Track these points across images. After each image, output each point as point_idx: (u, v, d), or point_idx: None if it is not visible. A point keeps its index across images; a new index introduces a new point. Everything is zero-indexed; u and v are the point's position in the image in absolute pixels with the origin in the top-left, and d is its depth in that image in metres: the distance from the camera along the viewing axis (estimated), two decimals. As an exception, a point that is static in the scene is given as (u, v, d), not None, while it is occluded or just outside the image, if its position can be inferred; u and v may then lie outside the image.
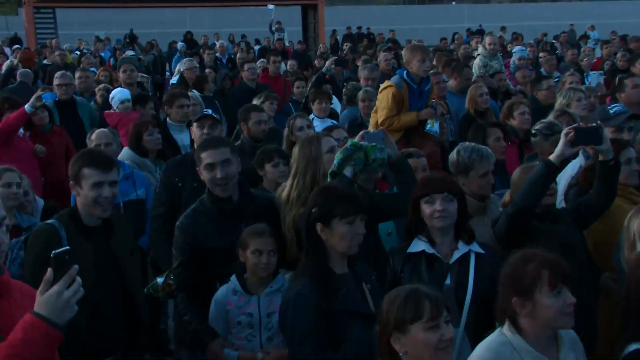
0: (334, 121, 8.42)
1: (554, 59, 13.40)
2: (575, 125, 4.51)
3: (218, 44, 22.92)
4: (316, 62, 16.15)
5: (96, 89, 10.44)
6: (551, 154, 5.64)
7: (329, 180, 4.48)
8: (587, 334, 4.21)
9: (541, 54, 15.19)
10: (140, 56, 19.27)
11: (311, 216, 3.72)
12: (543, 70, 12.22)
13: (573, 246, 4.41)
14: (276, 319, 4.29)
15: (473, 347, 3.88)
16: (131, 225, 4.61)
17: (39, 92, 8.21)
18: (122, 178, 6.03)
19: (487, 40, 12.44)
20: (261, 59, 15.66)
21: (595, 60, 15.05)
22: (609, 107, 5.99)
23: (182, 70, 12.17)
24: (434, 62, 12.00)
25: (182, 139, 7.67)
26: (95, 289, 3.84)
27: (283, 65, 14.99)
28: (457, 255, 4.11)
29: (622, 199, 4.87)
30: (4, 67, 14.21)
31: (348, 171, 4.43)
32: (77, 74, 10.72)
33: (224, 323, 4.41)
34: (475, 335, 3.94)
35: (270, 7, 27.84)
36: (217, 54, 20.08)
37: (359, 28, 31.76)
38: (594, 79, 10.01)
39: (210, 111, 6.48)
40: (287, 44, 25.36)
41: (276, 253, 4.39)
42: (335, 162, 4.46)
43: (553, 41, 23.80)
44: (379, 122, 7.04)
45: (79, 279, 2.57)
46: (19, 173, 5.46)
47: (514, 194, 4.59)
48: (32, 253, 4.07)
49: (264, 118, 6.86)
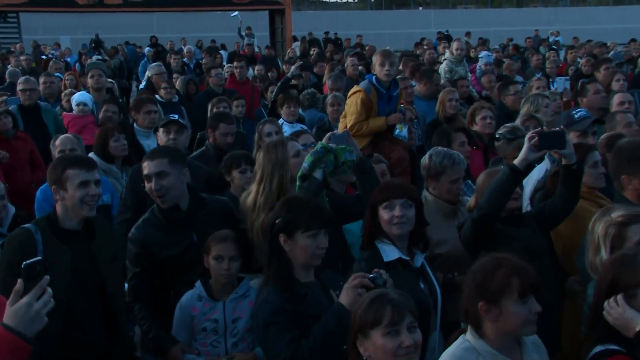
0: (303, 126, 8.43)
1: (514, 64, 13.56)
2: (539, 129, 4.54)
3: (185, 49, 22.80)
4: (284, 67, 16.14)
5: (62, 94, 10.33)
6: (514, 158, 5.71)
7: (298, 183, 4.48)
8: (551, 337, 4.24)
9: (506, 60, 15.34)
10: (106, 57, 19.11)
11: (275, 226, 3.72)
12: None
13: (537, 250, 4.43)
14: (241, 324, 4.31)
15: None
16: (113, 232, 4.57)
17: (2, 98, 8.10)
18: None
19: (455, 45, 12.54)
20: (228, 64, 15.62)
21: (560, 65, 15.24)
22: (574, 112, 6.05)
23: (149, 75, 12.10)
24: (400, 67, 12.03)
25: (149, 144, 7.61)
26: (71, 294, 3.88)
27: (251, 70, 14.97)
28: (420, 260, 4.13)
29: (589, 203, 4.91)
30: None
31: (318, 174, 4.43)
32: (41, 79, 10.61)
33: (189, 329, 4.39)
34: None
35: (234, 14, 27.76)
36: (185, 59, 19.99)
37: (326, 33, 31.78)
38: (560, 84, 10.14)
39: (176, 116, 6.46)
40: (256, 49, 25.30)
41: (239, 259, 4.37)
42: (306, 164, 4.46)
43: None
44: (348, 127, 7.04)
45: (49, 290, 2.54)
46: None
47: (479, 198, 4.62)
48: (4, 258, 4.02)
49: (232, 131, 6.84)
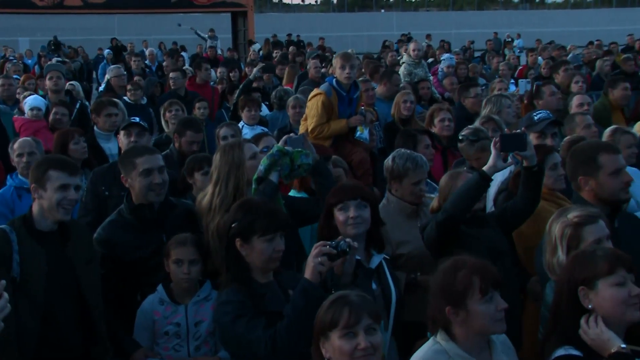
0: (264, 128, 8.41)
1: (477, 65, 13.68)
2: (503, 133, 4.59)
3: (147, 51, 22.66)
4: (246, 69, 16.09)
5: (20, 97, 10.19)
6: (477, 159, 5.78)
7: (254, 186, 4.46)
8: (513, 338, 4.27)
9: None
10: (66, 60, 18.91)
11: (231, 231, 3.71)
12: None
13: (500, 251, 4.47)
14: (204, 327, 4.30)
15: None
16: (90, 234, 4.54)
17: None
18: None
19: (411, 47, 12.54)
20: (188, 67, 15.54)
21: (520, 68, 15.41)
22: (534, 114, 6.12)
23: (109, 77, 11.99)
24: (362, 70, 12.06)
25: (110, 147, 7.54)
26: (48, 295, 3.87)
27: (213, 73, 14.90)
28: (376, 260, 4.13)
29: (550, 204, 4.95)
30: None
31: (274, 176, 4.42)
32: (-1, 82, 10.47)
33: (150, 333, 4.36)
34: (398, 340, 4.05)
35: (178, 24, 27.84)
36: (147, 61, 19.87)
37: (289, 35, 31.79)
38: (522, 86, 10.24)
39: (137, 119, 6.41)
40: (219, 51, 25.22)
41: (199, 262, 4.35)
42: (261, 167, 4.45)
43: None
44: (309, 129, 7.03)
45: (5, 295, 2.51)
46: None
47: (442, 200, 4.64)
48: None
49: (199, 139, 6.80)
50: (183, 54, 23.51)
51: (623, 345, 3.04)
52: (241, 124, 8.76)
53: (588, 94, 8.78)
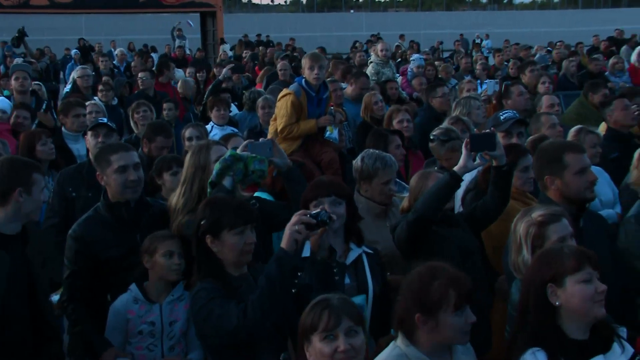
0: (233, 129, 8.39)
1: (449, 66, 13.75)
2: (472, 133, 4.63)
3: (116, 51, 22.50)
4: (215, 69, 16.06)
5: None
6: (448, 159, 5.81)
7: (209, 190, 4.46)
8: (482, 337, 4.32)
9: (437, 63, 15.55)
10: (32, 60, 18.69)
11: (200, 229, 3.71)
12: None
13: (469, 250, 4.51)
14: (178, 327, 4.28)
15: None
16: (41, 236, 4.52)
17: None
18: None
19: (379, 47, 12.56)
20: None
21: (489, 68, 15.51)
22: (500, 113, 6.17)
23: (75, 77, 11.87)
24: (331, 70, 12.07)
25: (78, 148, 7.49)
26: (6, 297, 3.84)
27: (182, 72, 14.84)
28: (353, 256, 4.16)
29: (519, 203, 4.98)
30: None
31: (227, 182, 4.39)
32: (-37, 82, 10.34)
33: (123, 333, 4.32)
34: (376, 336, 4.02)
35: (191, 23, 27.69)
36: (115, 62, 19.74)
37: (259, 36, 31.74)
38: (490, 86, 10.29)
39: (105, 119, 6.37)
40: (187, 51, 25.11)
41: (182, 256, 4.35)
42: (214, 172, 4.44)
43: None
44: (279, 129, 7.02)
45: None
46: None
47: (412, 200, 4.66)
48: None
49: (169, 144, 6.79)
50: (153, 54, 23.35)
51: None
52: (211, 124, 8.74)
53: (555, 94, 8.87)
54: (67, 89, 12.41)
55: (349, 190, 4.32)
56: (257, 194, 4.94)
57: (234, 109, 10.37)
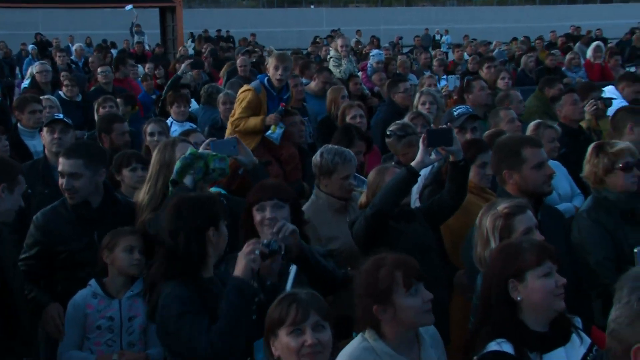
0: (192, 124, 8.33)
1: (408, 61, 13.80)
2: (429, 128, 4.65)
3: (74, 46, 22.21)
4: (177, 65, 15.93)
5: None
6: (404, 154, 5.84)
7: (170, 189, 4.43)
8: (441, 331, 4.34)
9: (400, 57, 15.61)
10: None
11: (154, 225, 3.77)
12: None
13: (427, 245, 4.53)
14: (138, 323, 4.27)
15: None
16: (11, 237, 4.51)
17: None
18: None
19: (339, 42, 12.57)
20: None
21: (447, 64, 15.61)
22: (454, 109, 6.21)
23: (33, 73, 11.71)
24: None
25: (34, 144, 7.36)
26: None
27: (141, 68, 14.69)
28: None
29: (477, 197, 5.03)
30: None
31: (188, 180, 4.37)
32: None
33: (81, 327, 4.30)
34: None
35: (129, 7, 27.15)
36: (73, 57, 19.48)
37: (219, 31, 31.53)
38: (452, 82, 10.36)
39: (61, 115, 6.29)
40: (147, 47, 24.86)
41: (142, 252, 4.35)
42: (175, 170, 4.41)
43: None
44: (230, 121, 7.03)
45: None
46: None
47: (370, 195, 4.67)
48: None
49: (126, 128, 6.74)
50: (112, 50, 23.07)
51: None
52: (170, 120, 8.67)
53: (513, 89, 8.96)
54: (26, 84, 12.25)
55: (293, 194, 4.26)
56: (212, 190, 4.91)
57: (193, 104, 10.29)
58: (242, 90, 7.25)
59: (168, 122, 8.41)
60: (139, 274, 4.35)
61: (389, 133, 6.06)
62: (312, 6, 49.72)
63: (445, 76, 12.76)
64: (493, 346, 3.15)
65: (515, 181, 4.47)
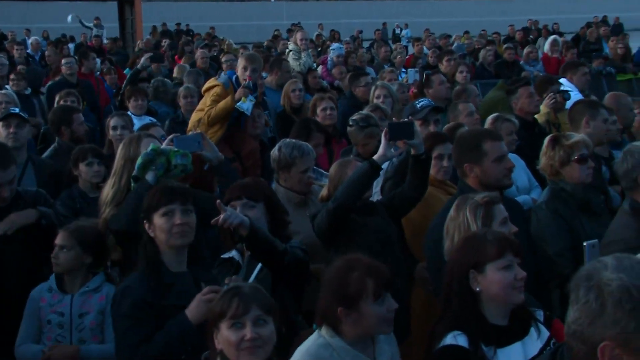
0: (152, 119, 8.26)
1: (364, 54, 13.82)
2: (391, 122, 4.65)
3: (30, 40, 21.88)
4: (135, 59, 15.78)
5: None
6: (364, 145, 5.86)
7: (132, 184, 4.39)
8: (402, 323, 4.35)
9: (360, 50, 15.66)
10: None
11: (141, 215, 3.70)
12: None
13: (388, 238, 4.54)
14: (88, 320, 4.23)
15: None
16: None
17: None
18: None
19: (298, 36, 12.55)
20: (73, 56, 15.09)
21: (408, 57, 15.69)
22: (417, 102, 6.23)
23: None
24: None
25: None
26: None
27: (99, 62, 14.53)
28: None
29: (439, 190, 5.07)
30: None
31: (150, 176, 4.33)
32: None
33: (36, 321, 4.28)
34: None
35: (69, 19, 26.94)
36: (29, 51, 19.19)
37: (178, 24, 31.30)
38: (411, 75, 10.39)
39: (17, 110, 6.20)
40: (105, 41, 24.57)
41: (73, 250, 4.32)
42: (136, 166, 4.37)
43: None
44: (203, 118, 6.98)
45: None
46: None
47: (332, 188, 4.67)
48: None
49: (82, 118, 6.70)
50: (70, 45, 22.75)
51: None
52: (128, 114, 8.57)
53: (472, 83, 9.02)
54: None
55: (265, 192, 4.23)
56: None
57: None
58: (210, 85, 7.23)
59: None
60: (81, 275, 4.35)
61: (351, 123, 6.07)
62: (273, 0, 49.59)
63: (405, 70, 12.80)
64: (449, 339, 3.16)
65: (476, 174, 4.49)
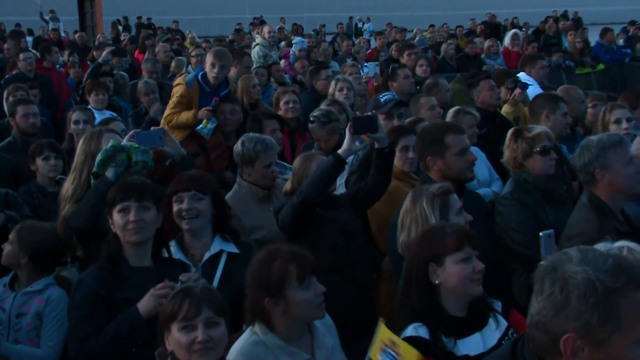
0: (113, 113, 8.18)
1: (328, 48, 13.83)
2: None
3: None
4: (94, 53, 15.59)
5: None
6: (327, 140, 5.86)
7: (92, 181, 4.34)
8: (366, 316, 4.37)
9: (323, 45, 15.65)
10: None
11: (74, 218, 3.73)
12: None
13: (353, 231, 4.55)
14: (25, 321, 4.17)
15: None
16: None
17: None
18: None
19: (266, 30, 12.54)
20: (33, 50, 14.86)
21: (370, 51, 15.72)
22: (380, 96, 6.25)
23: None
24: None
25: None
26: None
27: (60, 56, 14.33)
28: (207, 256, 4.01)
29: (404, 183, 5.08)
30: None
31: (110, 173, 4.29)
32: None
33: None
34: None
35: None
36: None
37: (139, 18, 31.03)
38: (371, 69, 10.41)
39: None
40: (62, 34, 24.27)
41: (10, 245, 4.31)
42: (96, 163, 4.32)
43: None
44: (164, 116, 6.94)
45: None
46: None
47: (296, 183, 4.66)
48: None
49: (32, 111, 6.60)
50: (28, 38, 22.40)
51: None
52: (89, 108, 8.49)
53: (434, 76, 9.06)
54: None
55: (213, 185, 4.18)
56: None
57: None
58: (176, 82, 7.22)
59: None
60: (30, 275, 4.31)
61: (312, 119, 6.06)
62: (235, -7, 49.32)
63: (366, 63, 12.83)
64: (410, 330, 3.18)
65: (439, 167, 4.51)
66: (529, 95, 7.53)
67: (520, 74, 8.60)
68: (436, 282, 3.25)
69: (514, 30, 15.43)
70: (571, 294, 1.99)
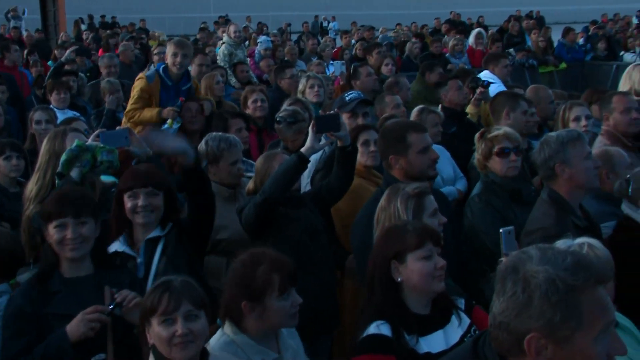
0: (75, 112, 8.11)
1: (294, 47, 13.83)
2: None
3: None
4: (56, 52, 15.43)
5: None
6: (293, 141, 5.85)
7: (57, 181, 4.30)
8: (330, 315, 4.39)
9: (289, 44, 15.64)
10: None
11: (37, 220, 3.63)
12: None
13: (316, 230, 4.56)
14: None
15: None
16: None
17: None
18: None
19: (232, 29, 12.52)
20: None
21: (335, 50, 15.75)
22: (345, 95, 6.26)
23: None
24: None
25: None
26: None
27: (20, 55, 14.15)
28: (143, 244, 4.00)
29: (367, 181, 5.10)
30: None
31: (75, 173, 4.25)
32: None
33: None
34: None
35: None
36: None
37: (103, 17, 30.73)
38: (337, 68, 10.44)
39: None
40: (23, 32, 23.93)
41: None
42: (60, 163, 4.28)
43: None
44: (125, 112, 6.90)
45: None
46: None
47: (258, 181, 4.66)
48: None
49: None
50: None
51: None
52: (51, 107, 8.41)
53: (399, 75, 9.12)
54: None
55: (167, 182, 4.16)
56: (106, 179, 4.79)
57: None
58: (137, 78, 7.19)
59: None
60: None
61: (278, 119, 6.05)
62: (200, -8, 49.08)
63: (332, 62, 12.86)
64: (372, 328, 3.20)
65: (402, 166, 4.53)
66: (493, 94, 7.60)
67: (484, 72, 8.68)
68: (399, 279, 3.27)
69: (478, 29, 15.55)
70: (533, 294, 2.00)
